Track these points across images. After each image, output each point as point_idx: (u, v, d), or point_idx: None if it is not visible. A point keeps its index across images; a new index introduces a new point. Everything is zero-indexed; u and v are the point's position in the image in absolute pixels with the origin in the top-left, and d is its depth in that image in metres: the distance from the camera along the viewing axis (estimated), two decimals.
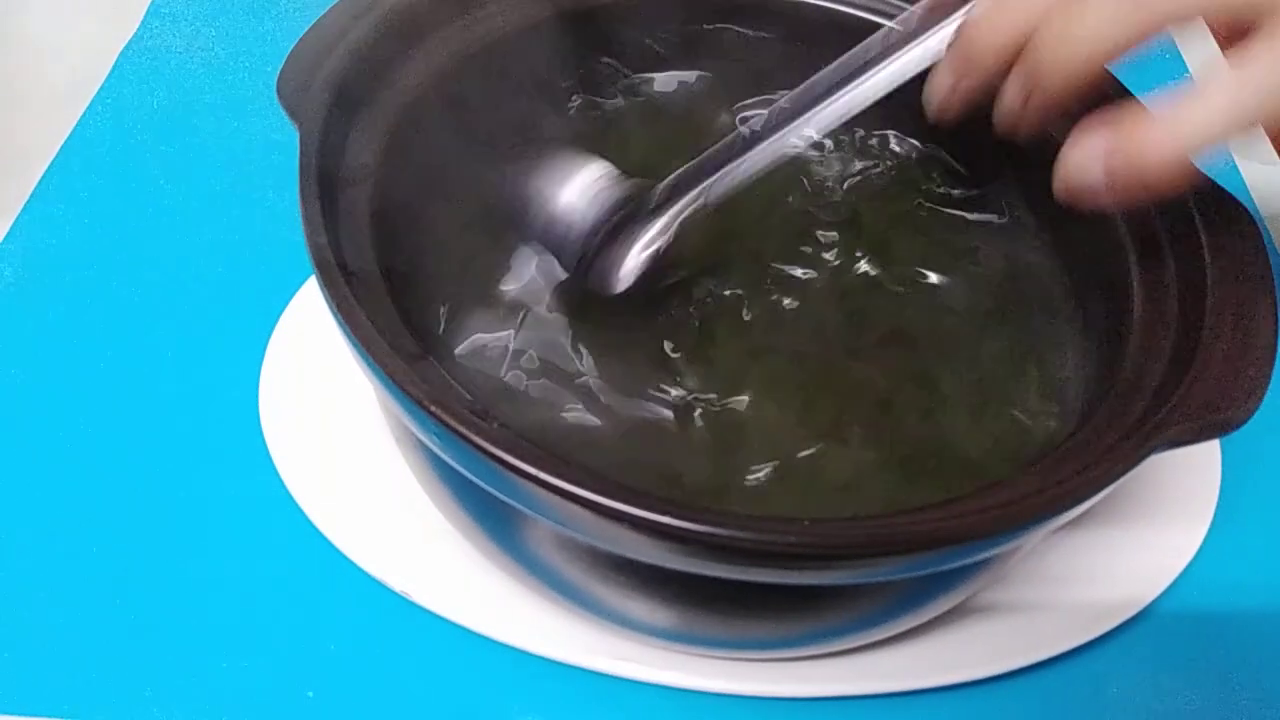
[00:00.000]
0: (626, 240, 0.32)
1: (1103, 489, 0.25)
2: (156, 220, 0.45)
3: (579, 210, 0.32)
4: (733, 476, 0.31)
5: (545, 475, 0.23)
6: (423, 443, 0.26)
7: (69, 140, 0.48)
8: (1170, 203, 0.31)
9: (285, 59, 0.31)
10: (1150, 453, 0.25)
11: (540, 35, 0.37)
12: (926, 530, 0.24)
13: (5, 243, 0.43)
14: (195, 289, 0.42)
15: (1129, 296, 0.31)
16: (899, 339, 0.34)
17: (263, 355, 0.39)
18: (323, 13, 0.32)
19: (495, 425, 0.24)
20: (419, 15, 0.34)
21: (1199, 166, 0.27)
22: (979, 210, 0.40)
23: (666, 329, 0.33)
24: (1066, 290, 0.36)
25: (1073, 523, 0.26)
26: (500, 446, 0.24)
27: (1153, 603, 0.35)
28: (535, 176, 0.33)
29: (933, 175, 0.39)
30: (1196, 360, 0.27)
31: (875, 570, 0.25)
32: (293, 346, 0.40)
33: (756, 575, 0.25)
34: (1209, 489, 0.38)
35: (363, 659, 0.33)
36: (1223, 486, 0.38)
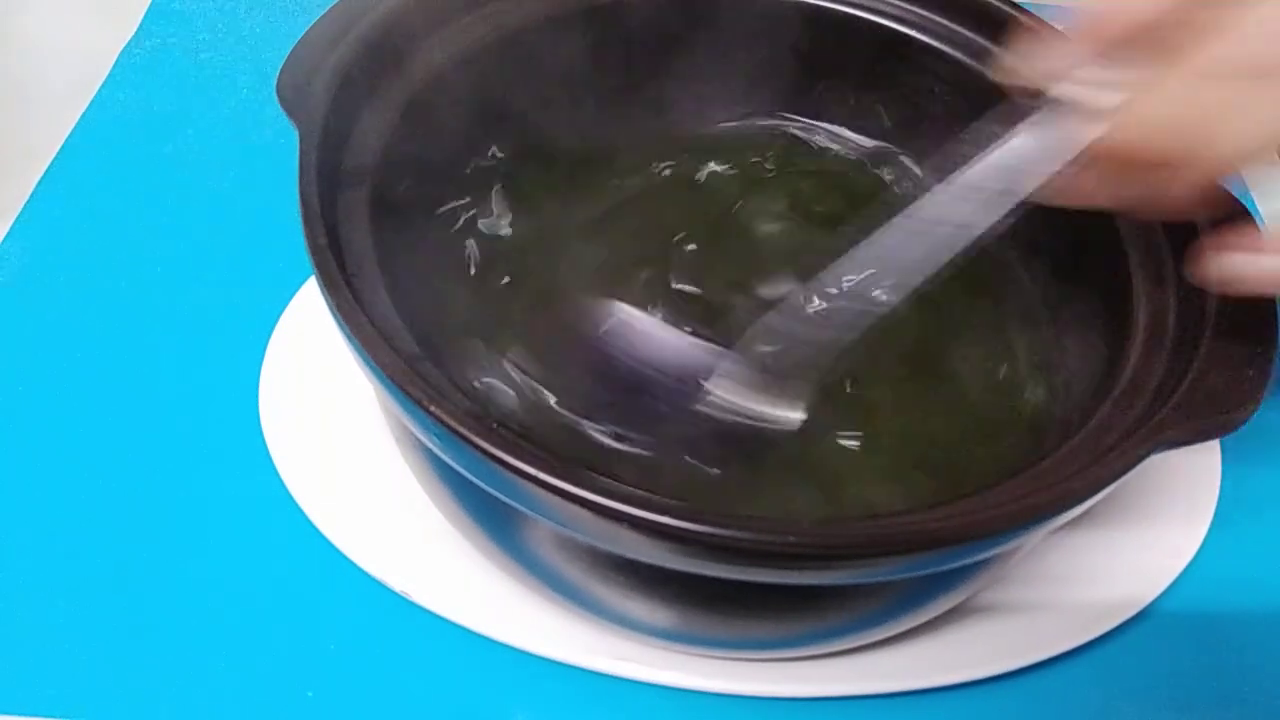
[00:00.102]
0: None
1: (1103, 489, 0.25)
2: (156, 220, 0.45)
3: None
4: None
5: (545, 475, 0.23)
6: (423, 443, 0.26)
7: (69, 140, 0.48)
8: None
9: (285, 59, 0.31)
10: (1150, 453, 0.25)
11: (540, 35, 0.37)
12: (926, 530, 0.24)
13: (5, 243, 0.43)
14: (195, 289, 0.42)
15: (1129, 297, 0.31)
16: (898, 339, 0.34)
17: (263, 355, 0.39)
18: (323, 13, 0.32)
19: (495, 425, 0.24)
20: (418, 16, 0.34)
21: None
22: None
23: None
24: (1067, 291, 0.36)
25: (1073, 523, 0.26)
26: (500, 446, 0.24)
27: (1153, 603, 0.35)
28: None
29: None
30: (1197, 360, 0.27)
31: (875, 570, 0.25)
32: (293, 346, 0.40)
33: (756, 575, 0.25)
34: (1209, 489, 0.38)
35: (363, 659, 0.33)
36: (1223, 486, 0.38)
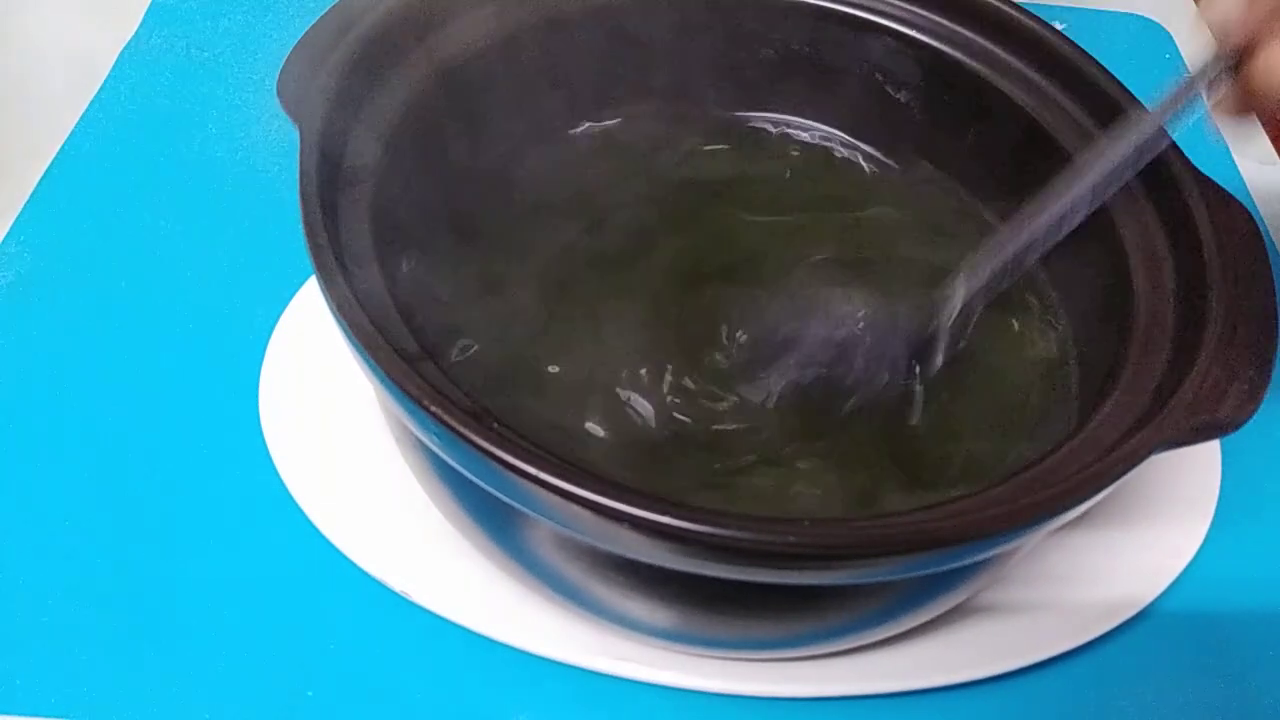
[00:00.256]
0: None
1: (1103, 489, 0.25)
2: (156, 220, 0.45)
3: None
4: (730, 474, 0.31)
5: (545, 475, 0.23)
6: (423, 443, 0.26)
7: (69, 140, 0.47)
8: (1170, 203, 0.31)
9: (285, 59, 0.31)
10: (1150, 453, 0.25)
11: (540, 36, 0.37)
12: (926, 530, 0.24)
13: (5, 243, 0.43)
14: (195, 289, 0.42)
15: (1129, 297, 0.31)
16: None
17: (263, 355, 0.39)
18: (322, 13, 0.32)
19: (495, 425, 0.24)
20: (419, 16, 0.34)
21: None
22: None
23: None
24: (1067, 291, 0.36)
25: (1073, 523, 0.26)
26: (500, 446, 0.24)
27: (1153, 603, 0.35)
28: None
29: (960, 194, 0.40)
30: (1197, 361, 0.27)
31: (875, 570, 0.25)
32: (293, 346, 0.39)
33: (756, 575, 0.25)
34: (1209, 489, 0.38)
35: (363, 659, 0.33)
36: (1223, 486, 0.38)
